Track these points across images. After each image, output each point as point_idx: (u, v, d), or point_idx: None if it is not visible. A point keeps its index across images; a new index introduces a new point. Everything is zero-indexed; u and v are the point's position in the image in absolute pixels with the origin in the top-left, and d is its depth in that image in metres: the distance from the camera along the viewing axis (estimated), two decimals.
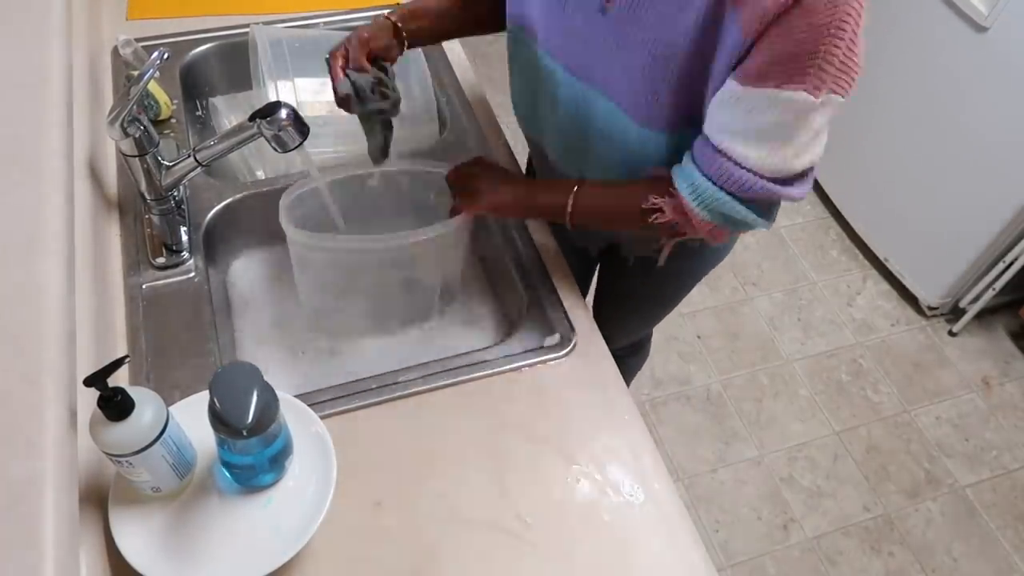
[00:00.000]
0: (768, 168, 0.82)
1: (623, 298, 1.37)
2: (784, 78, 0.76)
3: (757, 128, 0.80)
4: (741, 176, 0.82)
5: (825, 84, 0.76)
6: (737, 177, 0.83)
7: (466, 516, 0.86)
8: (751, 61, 0.77)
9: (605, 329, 1.21)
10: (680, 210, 0.88)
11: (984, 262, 2.09)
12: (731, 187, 0.84)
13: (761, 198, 0.84)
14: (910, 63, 2.10)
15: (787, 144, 0.80)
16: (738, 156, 0.82)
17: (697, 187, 0.85)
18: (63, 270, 0.76)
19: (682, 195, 0.87)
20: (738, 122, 0.80)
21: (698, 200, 0.86)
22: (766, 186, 0.82)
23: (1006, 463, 2.02)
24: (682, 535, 0.87)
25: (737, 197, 0.84)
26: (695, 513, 1.85)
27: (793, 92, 0.76)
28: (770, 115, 0.78)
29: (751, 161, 0.81)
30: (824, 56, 0.74)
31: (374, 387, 0.95)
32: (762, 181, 0.82)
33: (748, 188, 0.83)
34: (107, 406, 0.68)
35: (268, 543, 0.77)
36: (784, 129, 0.79)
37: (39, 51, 0.93)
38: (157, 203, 1.02)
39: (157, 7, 1.39)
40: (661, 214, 0.89)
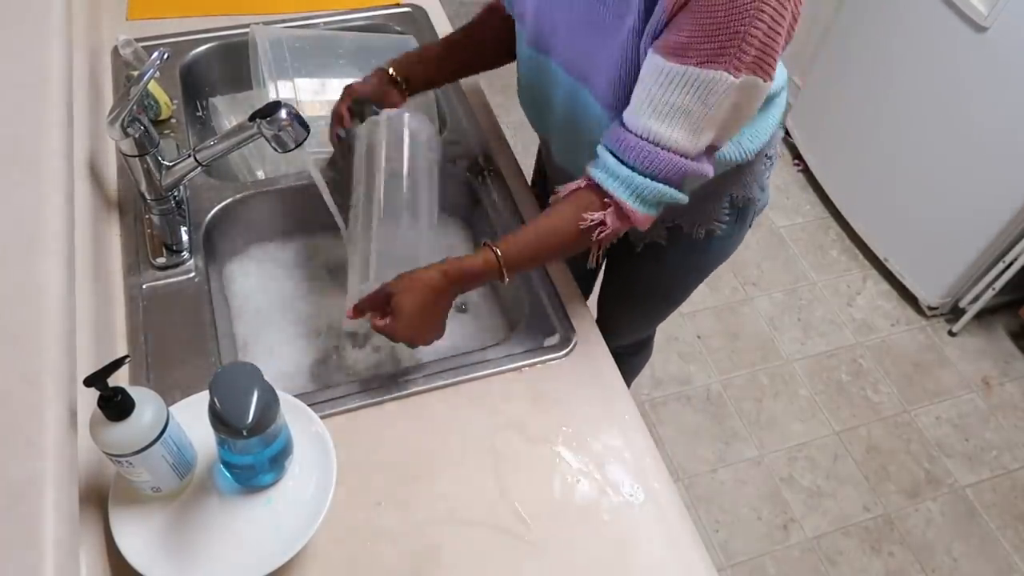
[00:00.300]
0: (688, 146, 0.82)
1: (629, 293, 1.37)
2: (704, 57, 0.76)
3: (677, 105, 0.80)
4: (674, 162, 0.82)
5: (745, 65, 0.76)
6: (669, 164, 0.82)
7: (466, 516, 0.86)
8: (672, 35, 0.78)
9: (610, 325, 1.21)
10: (622, 215, 0.87)
11: (984, 262, 2.09)
12: (667, 176, 0.83)
13: (686, 175, 0.84)
14: (910, 63, 2.10)
15: (704, 122, 0.80)
16: (660, 137, 0.81)
17: (635, 187, 0.84)
18: (63, 270, 0.76)
19: (622, 199, 0.85)
20: (658, 97, 0.80)
21: (638, 199, 0.85)
22: (691, 166, 0.83)
23: (1006, 463, 2.02)
24: (682, 535, 0.87)
25: (667, 181, 0.84)
26: (695, 513, 1.85)
27: (714, 71, 0.77)
28: (690, 93, 0.79)
29: (673, 141, 0.81)
30: (744, 37, 0.75)
31: (374, 387, 0.95)
32: (687, 162, 0.83)
33: (677, 170, 0.83)
34: (107, 406, 0.68)
35: (268, 543, 0.77)
36: (705, 105, 0.79)
37: (39, 51, 0.93)
38: (157, 203, 1.02)
39: (157, 7, 1.39)
40: (603, 227, 0.87)
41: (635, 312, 1.42)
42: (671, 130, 0.81)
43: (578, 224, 0.87)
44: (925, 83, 2.06)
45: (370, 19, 1.44)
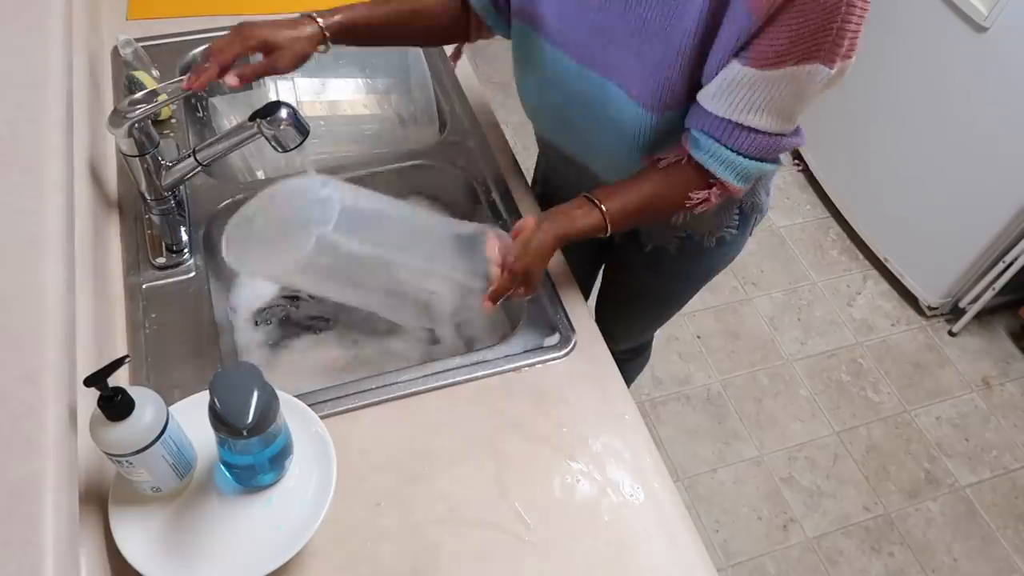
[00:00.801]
0: (787, 128, 0.88)
1: (629, 300, 1.37)
2: (801, 56, 0.79)
3: (778, 102, 0.84)
4: (773, 143, 0.87)
5: (838, 55, 0.79)
6: (770, 145, 0.87)
7: (466, 516, 0.86)
8: (765, 45, 0.79)
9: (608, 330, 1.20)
10: (724, 192, 0.92)
11: (984, 262, 2.09)
12: (767, 155, 0.89)
13: (784, 152, 0.91)
14: (910, 63, 2.10)
15: (799, 105, 0.86)
16: (764, 126, 0.86)
17: (740, 167, 0.89)
18: (63, 270, 0.76)
19: (727, 180, 0.90)
20: (759, 100, 0.84)
21: (741, 178, 0.90)
22: (789, 142, 0.89)
23: (1006, 463, 2.02)
24: (682, 535, 0.87)
25: (770, 160, 0.90)
26: (695, 513, 1.85)
27: (810, 66, 0.79)
28: (789, 89, 0.82)
29: (772, 128, 0.86)
30: (838, 31, 0.77)
31: (374, 387, 0.95)
32: (785, 139, 0.88)
33: (779, 149, 0.89)
34: (107, 406, 0.68)
35: (268, 543, 0.77)
36: (800, 95, 0.84)
37: (39, 51, 0.93)
38: (157, 203, 1.02)
39: (157, 7, 1.39)
40: (707, 203, 0.93)
41: (634, 318, 1.42)
42: (771, 120, 0.85)
43: (684, 200, 0.93)
44: (925, 83, 2.06)
45: None
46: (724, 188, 0.91)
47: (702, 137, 0.89)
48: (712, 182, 0.91)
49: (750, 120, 0.85)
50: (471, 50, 1.22)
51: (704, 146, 0.89)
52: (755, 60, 0.80)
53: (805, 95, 0.84)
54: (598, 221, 0.92)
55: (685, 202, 0.93)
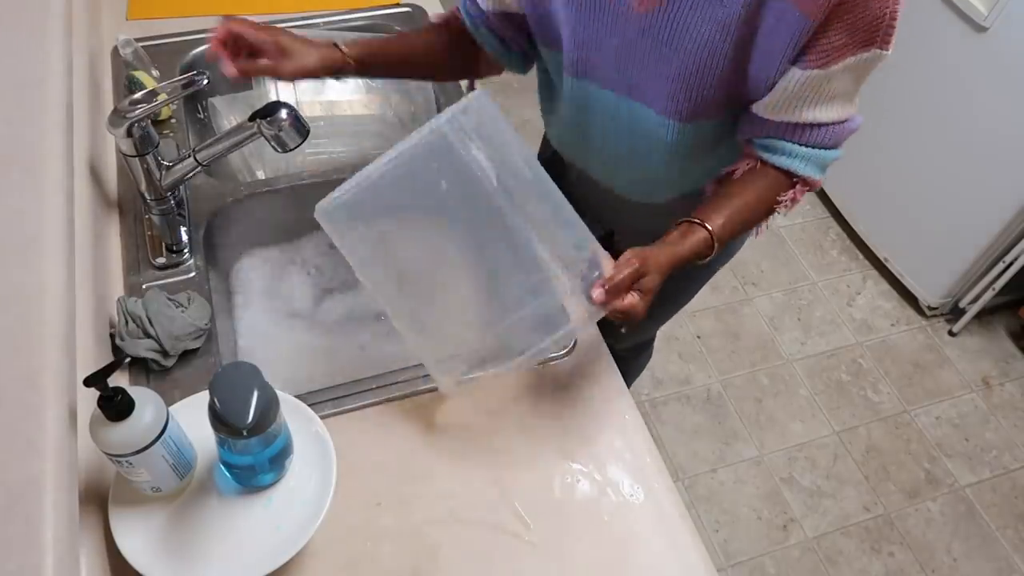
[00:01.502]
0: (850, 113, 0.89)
1: None
2: (860, 45, 0.81)
3: (840, 92, 0.85)
4: (843, 129, 0.89)
5: (892, 37, 0.82)
6: (841, 132, 0.89)
7: (466, 516, 0.86)
8: (824, 43, 0.80)
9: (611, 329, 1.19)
10: (806, 188, 0.93)
11: (984, 262, 2.09)
12: (841, 142, 0.90)
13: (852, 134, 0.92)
14: (910, 63, 2.10)
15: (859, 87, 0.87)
16: (831, 118, 0.87)
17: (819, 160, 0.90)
18: (63, 270, 0.75)
19: (809, 176, 0.91)
20: (823, 96, 0.85)
21: (823, 169, 0.92)
22: (855, 122, 0.90)
23: (1006, 463, 2.02)
24: (682, 535, 0.87)
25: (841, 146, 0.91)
26: (695, 513, 1.85)
27: (867, 53, 0.81)
28: (849, 77, 0.84)
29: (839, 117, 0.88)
30: (890, 17, 0.80)
31: (374, 387, 0.95)
32: (850, 122, 0.89)
33: (849, 132, 0.90)
34: (107, 406, 0.68)
35: (268, 543, 0.77)
36: (860, 79, 0.86)
37: (39, 51, 0.93)
38: (157, 203, 1.02)
39: (157, 7, 1.39)
40: (794, 201, 0.94)
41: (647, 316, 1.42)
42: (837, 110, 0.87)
43: (774, 205, 0.94)
44: (925, 83, 2.06)
45: (370, 19, 1.44)
46: (806, 183, 0.92)
47: (773, 142, 0.90)
48: (795, 180, 0.92)
49: (818, 116, 0.87)
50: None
51: (780, 148, 0.91)
52: (815, 60, 0.81)
53: (864, 78, 0.85)
54: (705, 240, 0.89)
55: (775, 206, 0.94)
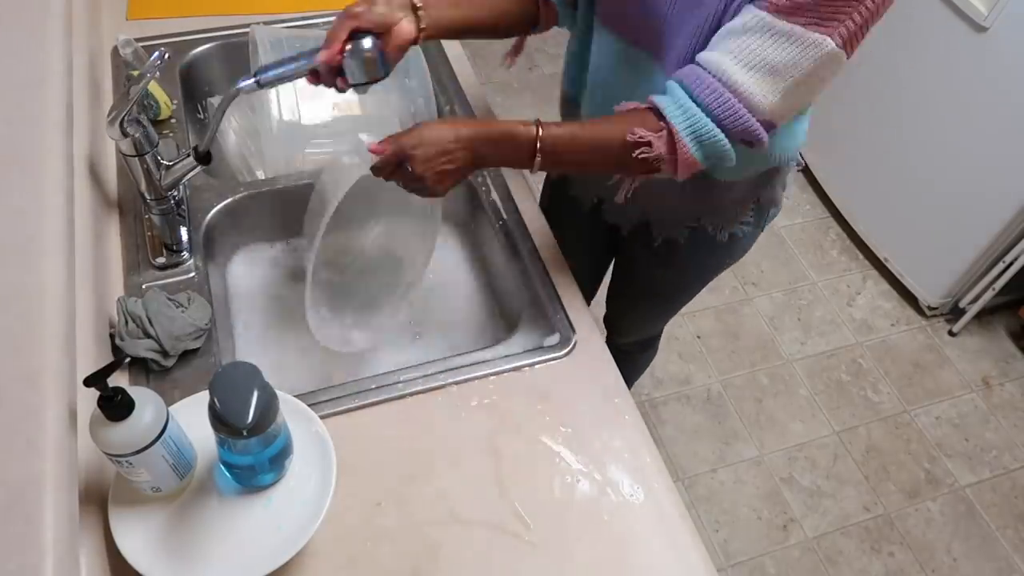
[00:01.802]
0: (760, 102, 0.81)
1: (640, 292, 1.37)
2: (814, 19, 0.76)
3: (768, 61, 0.79)
4: (741, 113, 0.81)
5: (844, 37, 0.77)
6: (737, 112, 0.81)
7: (466, 516, 0.86)
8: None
9: (618, 323, 1.19)
10: (670, 144, 0.84)
11: (984, 262, 2.09)
12: (727, 119, 0.81)
13: (747, 137, 0.83)
14: (910, 63, 2.10)
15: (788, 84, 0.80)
16: (738, 85, 0.80)
17: (693, 120, 0.82)
18: (63, 270, 0.75)
19: (675, 127, 0.83)
20: (751, 50, 0.79)
21: (693, 135, 0.83)
22: (750, 121, 0.82)
23: (1006, 463, 2.02)
24: (682, 535, 0.87)
25: (727, 130, 0.82)
26: (695, 513, 1.85)
27: (819, 35, 0.77)
28: (787, 52, 0.78)
29: (749, 92, 0.80)
30: (858, 8, 0.76)
31: (374, 387, 0.95)
32: (749, 115, 0.81)
33: (744, 126, 0.82)
34: (107, 406, 0.68)
35: (268, 543, 0.77)
36: (795, 67, 0.79)
37: (39, 51, 0.93)
38: (157, 203, 1.02)
39: (157, 7, 1.39)
40: (648, 148, 0.84)
41: (642, 309, 1.42)
42: (751, 81, 0.80)
43: (626, 135, 0.84)
44: (925, 83, 2.06)
45: None
46: (672, 140, 0.83)
47: (672, 85, 0.85)
48: (662, 126, 0.84)
49: (730, 71, 0.80)
50: (471, 51, 1.22)
51: (669, 91, 0.84)
52: (771, 3, 0.77)
53: (799, 71, 0.79)
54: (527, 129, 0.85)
55: (627, 137, 0.84)
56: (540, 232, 1.14)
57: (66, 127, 0.88)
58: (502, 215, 1.16)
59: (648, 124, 0.85)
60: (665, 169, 0.86)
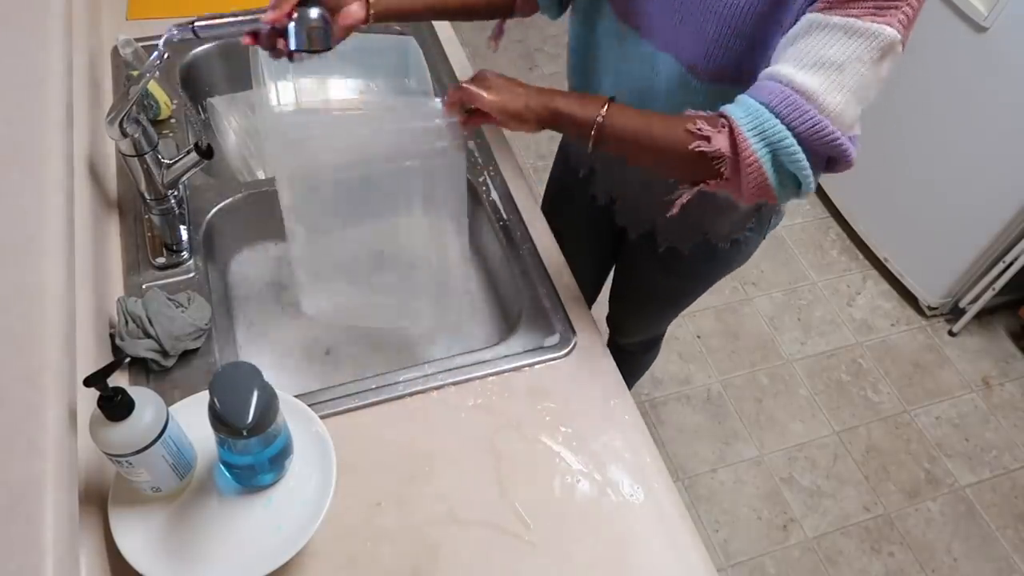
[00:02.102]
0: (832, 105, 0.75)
1: (641, 296, 1.37)
2: (869, 9, 0.73)
3: (831, 59, 0.74)
4: (808, 110, 0.75)
5: (903, 24, 0.73)
6: (804, 110, 0.75)
7: (466, 516, 0.86)
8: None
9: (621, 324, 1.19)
10: (732, 141, 0.78)
11: (984, 262, 2.09)
12: (795, 120, 0.75)
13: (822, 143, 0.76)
14: (910, 63, 2.10)
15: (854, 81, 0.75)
16: (806, 87, 0.75)
17: (757, 116, 0.77)
18: (63, 270, 0.76)
19: (738, 122, 0.77)
20: (811, 52, 0.75)
21: (756, 129, 0.76)
22: (829, 127, 0.75)
23: (1006, 463, 2.02)
24: (682, 535, 0.87)
25: (802, 138, 0.76)
26: (695, 513, 1.85)
27: (877, 25, 0.73)
28: (849, 47, 0.74)
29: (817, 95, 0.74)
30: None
31: (374, 387, 0.95)
32: (826, 120, 0.75)
33: (813, 124, 0.75)
34: (107, 406, 0.68)
35: (268, 543, 0.77)
36: (858, 64, 0.74)
37: (39, 51, 0.93)
38: (157, 203, 1.02)
39: (157, 7, 1.39)
40: (706, 142, 0.78)
41: (645, 310, 1.42)
42: (815, 81, 0.74)
43: (686, 125, 0.80)
44: (925, 83, 2.06)
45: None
46: (733, 137, 0.77)
47: (743, 95, 0.80)
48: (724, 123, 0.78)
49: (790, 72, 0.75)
50: (471, 51, 1.22)
51: (739, 100, 0.80)
52: (824, 3, 0.74)
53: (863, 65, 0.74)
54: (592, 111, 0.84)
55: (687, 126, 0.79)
56: (540, 232, 1.14)
57: (66, 127, 0.88)
58: (502, 215, 1.16)
59: (712, 121, 0.80)
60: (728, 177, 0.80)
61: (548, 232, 1.15)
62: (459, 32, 1.48)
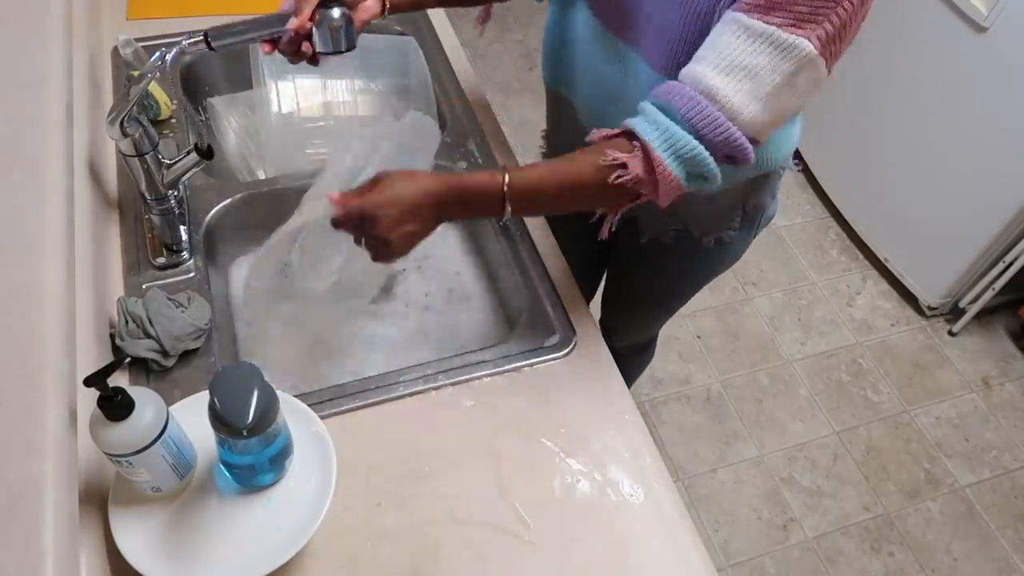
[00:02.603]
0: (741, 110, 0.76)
1: (631, 295, 1.37)
2: (790, 20, 0.74)
3: (746, 65, 0.75)
4: (717, 117, 0.76)
5: (823, 41, 0.74)
6: (713, 117, 0.76)
7: (466, 516, 0.86)
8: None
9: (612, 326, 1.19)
10: (647, 163, 0.79)
11: (984, 262, 2.09)
12: (706, 131, 0.77)
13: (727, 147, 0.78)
14: (910, 63, 2.10)
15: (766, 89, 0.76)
16: (716, 91, 0.76)
17: (667, 132, 0.78)
18: (63, 270, 0.76)
19: (649, 143, 0.78)
20: (728, 53, 0.76)
21: (671, 150, 0.78)
22: (735, 133, 0.77)
23: (1006, 463, 2.02)
24: (682, 535, 0.87)
25: (708, 142, 0.78)
26: (695, 513, 1.85)
27: (795, 37, 0.74)
28: (764, 55, 0.75)
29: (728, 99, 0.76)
30: (835, 9, 0.73)
31: (374, 387, 0.95)
32: (730, 125, 0.77)
33: (722, 132, 0.77)
34: (107, 406, 0.68)
35: (268, 543, 0.77)
36: (771, 74, 0.75)
37: (39, 51, 0.93)
38: (157, 203, 1.02)
39: (157, 7, 1.39)
40: (623, 170, 0.79)
41: (635, 312, 1.42)
42: (730, 88, 0.76)
43: (599, 162, 0.80)
44: (925, 83, 2.06)
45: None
46: (648, 158, 0.78)
47: (645, 105, 0.81)
48: (636, 145, 0.79)
49: (711, 80, 0.76)
50: (471, 51, 1.22)
51: (641, 112, 0.80)
52: (744, 4, 0.75)
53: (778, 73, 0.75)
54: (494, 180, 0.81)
55: (600, 161, 0.80)
56: (540, 232, 1.14)
57: (66, 127, 0.88)
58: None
59: (621, 147, 0.80)
60: (646, 194, 0.82)
61: (548, 232, 1.15)
62: (459, 32, 1.48)
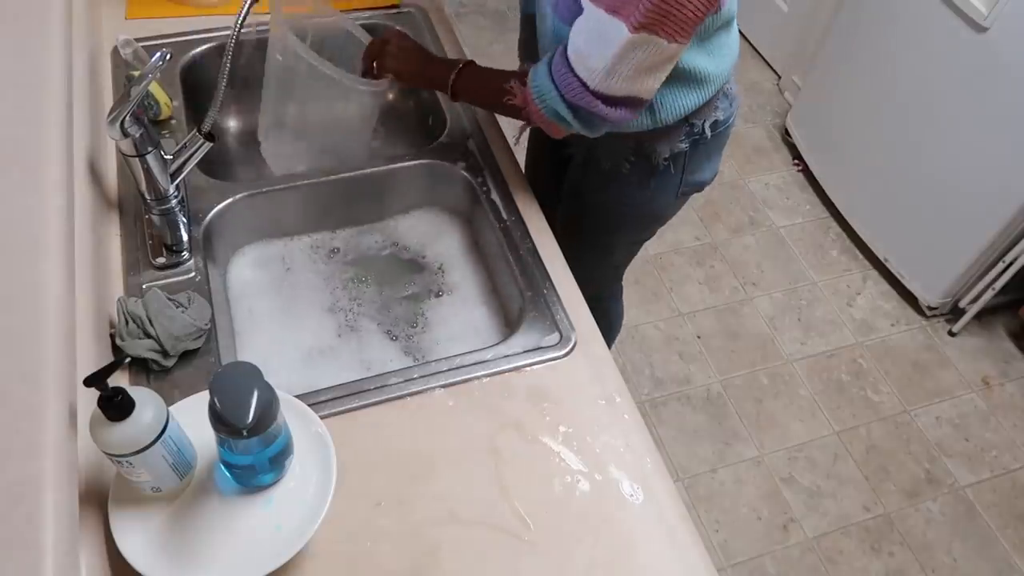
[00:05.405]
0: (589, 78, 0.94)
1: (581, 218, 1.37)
2: (611, 5, 0.87)
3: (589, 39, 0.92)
4: (570, 81, 0.96)
5: (640, 23, 0.85)
6: (573, 85, 0.96)
7: (466, 516, 0.86)
8: None
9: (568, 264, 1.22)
10: (526, 98, 1.02)
11: (984, 262, 2.09)
12: (566, 91, 0.97)
13: (581, 107, 0.98)
14: (910, 63, 2.10)
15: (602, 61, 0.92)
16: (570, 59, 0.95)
17: (539, 84, 1.00)
18: (63, 270, 0.75)
19: (531, 91, 1.01)
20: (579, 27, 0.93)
21: (539, 96, 1.01)
22: (585, 96, 0.96)
23: (1006, 463, 2.02)
24: (682, 535, 0.87)
25: (564, 99, 0.98)
26: (695, 513, 1.85)
27: (614, 20, 0.87)
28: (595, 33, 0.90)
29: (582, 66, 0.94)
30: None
31: (374, 387, 0.95)
32: (584, 91, 0.96)
33: (572, 92, 0.97)
34: (107, 406, 0.68)
35: (268, 543, 0.77)
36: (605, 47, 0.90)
37: (39, 51, 0.93)
38: (157, 203, 1.02)
39: (157, 7, 1.39)
40: (512, 97, 1.04)
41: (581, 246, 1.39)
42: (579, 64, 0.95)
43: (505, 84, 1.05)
44: (925, 83, 2.06)
45: (370, 20, 1.44)
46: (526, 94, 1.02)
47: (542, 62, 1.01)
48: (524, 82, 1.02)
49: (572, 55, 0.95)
50: (471, 51, 1.22)
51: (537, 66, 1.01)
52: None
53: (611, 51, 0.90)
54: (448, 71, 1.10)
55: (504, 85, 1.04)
56: (540, 232, 1.14)
57: (66, 127, 0.88)
58: (502, 215, 1.16)
59: (521, 80, 1.03)
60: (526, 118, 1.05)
61: (548, 232, 1.15)
62: (459, 32, 1.48)
